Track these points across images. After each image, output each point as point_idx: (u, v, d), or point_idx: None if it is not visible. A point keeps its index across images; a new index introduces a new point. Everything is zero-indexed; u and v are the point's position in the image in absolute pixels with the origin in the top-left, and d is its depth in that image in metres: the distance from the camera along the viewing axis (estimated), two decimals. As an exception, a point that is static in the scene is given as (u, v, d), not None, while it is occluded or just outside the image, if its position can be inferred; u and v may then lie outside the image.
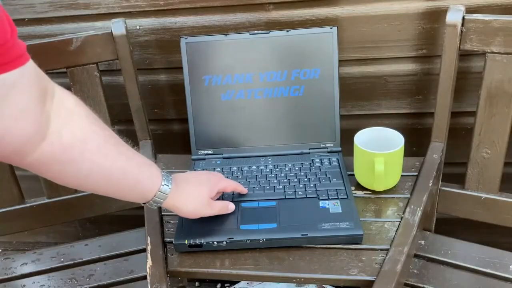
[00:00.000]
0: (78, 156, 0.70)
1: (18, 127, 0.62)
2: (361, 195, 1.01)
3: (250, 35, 1.06)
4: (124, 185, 0.77)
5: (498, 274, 0.99)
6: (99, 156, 0.72)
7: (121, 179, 0.76)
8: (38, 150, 0.65)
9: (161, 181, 0.80)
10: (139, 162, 0.79)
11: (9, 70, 0.57)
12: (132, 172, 0.77)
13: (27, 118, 0.62)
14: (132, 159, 0.78)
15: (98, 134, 0.72)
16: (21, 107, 0.61)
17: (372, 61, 1.19)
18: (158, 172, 0.81)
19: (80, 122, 0.70)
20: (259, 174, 1.04)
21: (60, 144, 0.67)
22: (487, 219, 1.11)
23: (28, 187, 1.20)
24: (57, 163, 0.69)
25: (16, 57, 0.58)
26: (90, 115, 0.72)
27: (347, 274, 0.84)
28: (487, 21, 0.98)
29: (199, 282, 1.59)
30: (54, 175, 0.71)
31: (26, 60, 0.60)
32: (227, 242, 0.89)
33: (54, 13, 1.22)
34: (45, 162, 0.67)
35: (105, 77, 1.18)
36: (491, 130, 1.04)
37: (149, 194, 0.80)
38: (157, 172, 0.81)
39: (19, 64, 0.59)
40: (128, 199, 0.82)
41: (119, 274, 1.06)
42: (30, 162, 0.66)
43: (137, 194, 0.80)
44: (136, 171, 0.78)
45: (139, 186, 0.79)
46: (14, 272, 1.10)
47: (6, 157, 0.65)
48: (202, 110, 1.10)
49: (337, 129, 1.09)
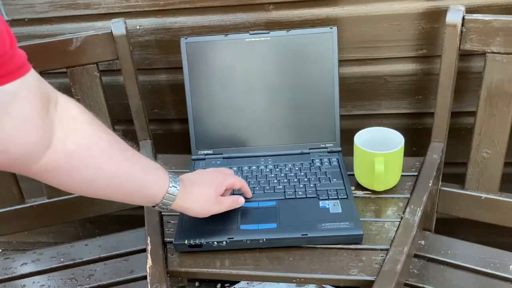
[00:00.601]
0: (83, 163, 0.70)
1: (22, 136, 0.62)
2: (361, 195, 1.01)
3: (250, 35, 1.06)
4: (130, 190, 0.78)
5: (498, 274, 0.98)
6: (104, 162, 0.72)
7: (127, 184, 0.76)
8: (43, 158, 0.66)
9: (168, 183, 0.80)
10: (145, 166, 0.79)
11: (9, 81, 0.58)
12: (138, 176, 0.77)
13: (30, 127, 0.62)
14: (138, 163, 0.78)
15: (102, 140, 0.72)
16: (24, 117, 0.61)
17: (372, 61, 1.19)
18: (165, 175, 0.81)
19: (84, 129, 0.70)
20: (259, 174, 1.04)
21: (64, 152, 0.67)
22: (487, 219, 1.11)
23: (28, 187, 1.20)
24: (62, 171, 0.69)
25: (16, 68, 0.59)
26: (94, 122, 0.72)
27: (347, 274, 0.84)
28: (487, 21, 0.98)
29: (199, 282, 1.59)
30: (60, 183, 0.72)
31: (27, 70, 0.61)
32: (227, 242, 0.89)
33: (54, 13, 1.22)
34: (50, 170, 0.68)
35: (105, 77, 1.18)
36: (491, 130, 1.04)
37: (157, 197, 0.80)
38: (164, 175, 0.81)
39: (20, 75, 0.59)
40: (137, 203, 0.82)
41: (119, 274, 1.06)
42: (36, 170, 0.67)
43: (145, 198, 0.81)
44: (142, 175, 0.78)
45: (145, 190, 0.79)
46: (14, 272, 1.10)
47: (11, 167, 0.66)
48: (202, 110, 1.10)
49: (337, 129, 1.09)
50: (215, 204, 0.87)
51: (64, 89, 1.18)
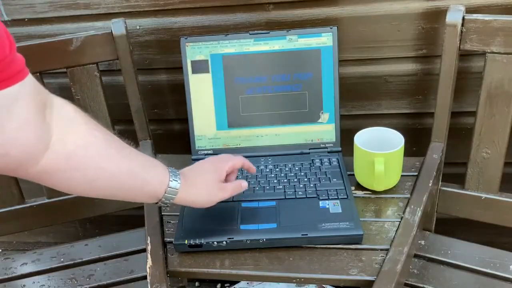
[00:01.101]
0: (82, 163, 0.70)
1: (22, 138, 0.63)
2: (361, 195, 1.01)
3: (250, 35, 1.06)
4: (131, 187, 0.77)
5: (498, 274, 0.99)
6: (102, 161, 0.72)
7: (128, 182, 0.76)
8: (42, 160, 0.66)
9: (168, 177, 0.80)
10: (144, 162, 0.79)
11: (10, 85, 0.58)
12: (138, 173, 0.77)
13: (29, 130, 0.63)
14: (136, 161, 0.78)
15: (99, 139, 0.72)
16: (24, 120, 0.62)
17: (372, 61, 1.19)
18: (164, 170, 0.81)
19: (80, 129, 0.71)
20: (259, 174, 1.04)
21: (63, 152, 0.68)
22: (487, 219, 1.11)
23: (28, 187, 1.20)
24: (62, 172, 0.69)
25: (16, 72, 0.59)
26: (90, 122, 0.72)
27: (347, 274, 0.84)
28: (487, 21, 0.98)
29: (199, 282, 1.59)
30: (60, 184, 0.72)
31: (26, 74, 0.61)
32: (227, 242, 0.89)
33: (54, 13, 1.22)
34: (50, 171, 0.68)
35: (105, 77, 1.18)
36: (491, 130, 1.04)
37: (158, 192, 0.80)
38: (163, 170, 0.81)
39: (19, 79, 0.60)
40: (139, 200, 0.82)
41: (119, 274, 1.06)
42: (35, 173, 0.67)
43: (147, 194, 0.80)
44: (142, 172, 0.78)
45: (147, 186, 0.79)
46: (14, 272, 1.10)
47: (12, 170, 0.66)
48: (202, 110, 1.10)
49: (337, 129, 1.09)
50: (219, 191, 0.86)
51: (64, 89, 1.19)
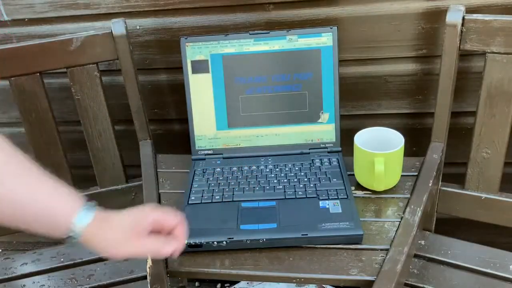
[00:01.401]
0: None
1: None
2: (361, 195, 1.01)
3: (250, 35, 1.06)
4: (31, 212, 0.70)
5: (498, 274, 0.99)
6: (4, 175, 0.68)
7: (31, 203, 0.70)
8: None
9: (78, 210, 0.72)
10: (55, 186, 0.72)
11: None
12: (43, 196, 0.71)
13: None
14: (46, 183, 0.71)
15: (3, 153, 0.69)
16: None
17: (372, 61, 1.19)
18: (77, 201, 0.73)
19: None
20: (259, 174, 1.04)
21: None
22: (487, 219, 1.11)
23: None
24: None
25: None
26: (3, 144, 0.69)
27: (347, 274, 0.84)
28: (487, 21, 0.98)
29: (199, 282, 1.59)
30: None
31: None
32: (227, 242, 0.89)
33: (54, 13, 1.22)
34: None
35: (105, 77, 1.18)
36: (491, 130, 1.04)
37: (62, 223, 0.71)
38: (74, 202, 0.72)
39: None
40: (39, 229, 0.72)
41: (119, 274, 1.06)
42: None
43: (48, 223, 0.71)
44: (49, 194, 0.71)
45: (49, 212, 0.71)
46: (14, 272, 1.10)
47: None
48: (202, 110, 1.10)
49: (337, 129, 1.09)
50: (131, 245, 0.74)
51: (64, 89, 1.19)
